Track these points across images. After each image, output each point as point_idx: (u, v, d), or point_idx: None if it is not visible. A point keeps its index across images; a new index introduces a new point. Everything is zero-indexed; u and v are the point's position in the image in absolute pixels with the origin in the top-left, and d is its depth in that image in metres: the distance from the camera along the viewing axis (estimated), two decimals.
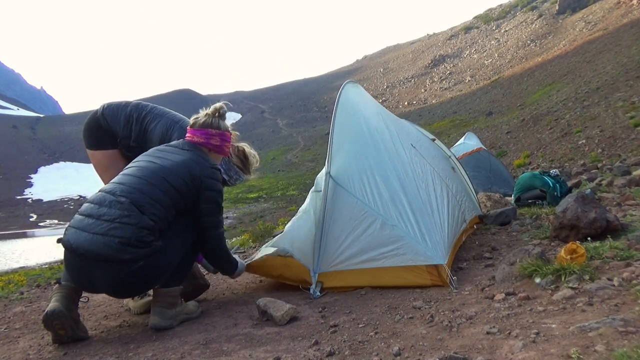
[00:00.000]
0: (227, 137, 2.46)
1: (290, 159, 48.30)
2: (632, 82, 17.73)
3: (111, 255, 1.94)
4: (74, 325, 2.11)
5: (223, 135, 2.42)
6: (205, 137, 2.37)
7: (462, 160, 6.45)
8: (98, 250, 1.95)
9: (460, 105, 40.32)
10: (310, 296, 2.49)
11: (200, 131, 2.37)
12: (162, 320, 2.19)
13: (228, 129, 2.48)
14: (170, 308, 2.22)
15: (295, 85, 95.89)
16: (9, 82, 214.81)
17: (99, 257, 1.95)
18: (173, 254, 2.15)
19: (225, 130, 2.45)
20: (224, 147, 2.44)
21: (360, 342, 1.75)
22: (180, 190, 2.16)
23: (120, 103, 2.90)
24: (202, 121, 2.39)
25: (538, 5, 61.47)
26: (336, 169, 2.71)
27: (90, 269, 2.00)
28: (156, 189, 2.11)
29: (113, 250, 1.94)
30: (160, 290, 2.21)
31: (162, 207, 2.09)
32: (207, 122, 2.39)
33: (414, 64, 71.99)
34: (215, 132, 2.39)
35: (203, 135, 2.37)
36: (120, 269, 1.97)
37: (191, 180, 2.19)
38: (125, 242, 1.95)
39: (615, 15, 38.80)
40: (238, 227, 18.24)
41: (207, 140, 2.37)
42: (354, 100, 3.14)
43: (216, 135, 2.39)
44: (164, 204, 2.10)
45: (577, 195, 3.06)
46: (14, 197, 49.17)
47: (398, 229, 2.51)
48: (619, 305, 1.66)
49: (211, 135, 2.38)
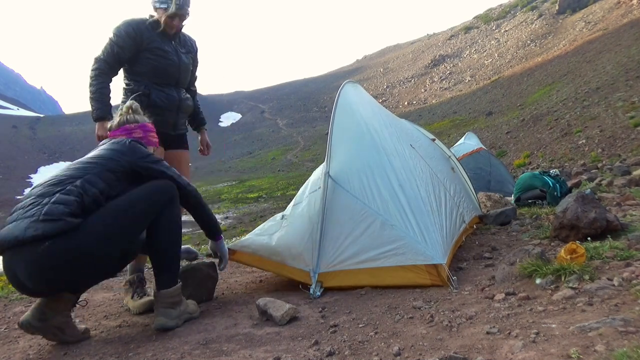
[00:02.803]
0: (149, 127, 2.46)
1: (290, 159, 48.27)
2: (632, 82, 17.71)
3: (17, 235, 1.79)
4: (57, 331, 2.05)
5: (144, 127, 2.43)
6: (127, 133, 2.37)
7: (462, 160, 6.45)
8: (8, 234, 1.82)
9: (460, 105, 40.29)
10: (310, 296, 2.49)
11: (120, 130, 2.38)
12: (168, 320, 2.18)
13: (146, 121, 2.48)
14: (174, 308, 2.21)
15: (295, 85, 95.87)
16: (9, 82, 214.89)
17: (9, 242, 1.81)
18: (101, 236, 1.92)
19: (144, 122, 2.45)
20: (149, 137, 2.44)
21: (360, 342, 1.76)
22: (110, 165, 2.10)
23: None
24: (116, 121, 2.42)
25: (538, 5, 61.42)
26: (335, 169, 2.71)
27: (10, 262, 1.87)
28: (80, 169, 2.06)
29: (19, 229, 1.81)
30: (160, 292, 2.20)
31: (85, 183, 1.98)
32: (123, 120, 2.41)
33: (414, 64, 71.97)
34: (134, 125, 2.40)
35: (124, 132, 2.37)
36: (30, 251, 1.80)
37: (120, 156, 2.15)
38: (34, 219, 1.81)
39: (615, 15, 38.78)
40: (238, 227, 18.20)
41: (129, 135, 2.37)
42: (353, 100, 3.14)
43: (136, 129, 2.40)
44: (90, 181, 2.00)
45: (577, 195, 3.06)
46: (14, 197, 49.17)
47: (397, 228, 2.51)
48: (619, 305, 1.67)
49: (132, 130, 2.38)
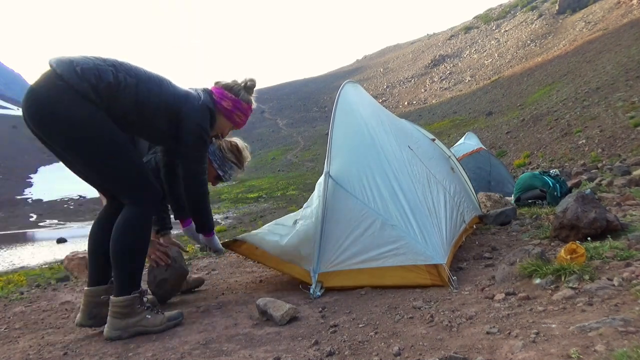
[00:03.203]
0: (242, 107, 2.40)
1: (290, 159, 48.27)
2: (632, 82, 17.73)
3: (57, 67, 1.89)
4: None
5: (238, 103, 2.38)
6: (220, 96, 2.34)
7: (462, 160, 6.46)
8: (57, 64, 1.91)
9: (460, 105, 40.30)
10: (310, 296, 2.49)
11: (219, 90, 2.36)
12: (110, 330, 2.08)
13: (249, 102, 2.43)
14: (121, 318, 2.08)
15: (295, 85, 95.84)
16: (9, 82, 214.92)
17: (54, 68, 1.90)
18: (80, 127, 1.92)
19: (244, 101, 2.40)
20: (234, 115, 2.39)
21: (360, 342, 1.75)
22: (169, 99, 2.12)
23: None
24: (224, 83, 2.38)
25: (538, 5, 61.43)
26: (336, 169, 2.71)
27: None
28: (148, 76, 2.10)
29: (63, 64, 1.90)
30: (111, 299, 2.10)
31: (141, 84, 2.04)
32: (229, 85, 2.37)
33: (414, 64, 71.97)
34: (232, 96, 2.36)
35: (219, 93, 2.35)
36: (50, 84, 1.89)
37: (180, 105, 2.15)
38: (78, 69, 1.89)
39: (615, 15, 38.78)
40: (238, 227, 18.22)
41: (220, 99, 2.33)
42: (353, 100, 3.14)
43: (230, 100, 2.35)
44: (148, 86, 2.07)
45: (577, 195, 3.06)
46: (14, 197, 49.19)
47: (398, 228, 2.51)
48: (619, 305, 1.67)
49: (225, 97, 2.34)
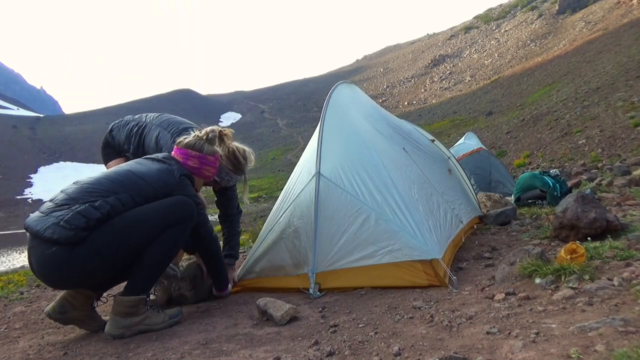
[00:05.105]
0: (209, 161, 2.40)
1: (290, 159, 48.26)
2: (632, 82, 17.72)
3: (38, 230, 1.92)
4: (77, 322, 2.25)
5: (203, 159, 2.37)
6: (184, 157, 2.34)
7: (462, 160, 6.46)
8: (33, 225, 1.95)
9: (460, 105, 40.30)
10: (310, 296, 2.49)
11: (181, 150, 2.37)
12: (113, 328, 2.11)
13: (214, 153, 2.43)
14: (124, 317, 2.11)
15: (295, 85, 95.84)
16: (9, 82, 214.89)
17: (31, 231, 1.95)
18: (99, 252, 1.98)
19: (209, 154, 2.39)
20: (202, 170, 2.39)
21: (360, 342, 1.75)
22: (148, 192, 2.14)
23: (128, 118, 2.99)
24: (186, 142, 2.38)
25: (538, 5, 61.43)
26: (327, 167, 2.71)
27: (30, 249, 2.00)
28: (119, 184, 2.09)
29: (42, 225, 1.92)
30: (117, 297, 2.13)
31: (117, 201, 2.04)
32: (191, 143, 2.37)
33: (414, 64, 71.97)
34: (195, 154, 2.35)
35: (182, 154, 2.35)
36: (41, 249, 1.94)
37: (163, 188, 2.19)
38: (56, 221, 1.91)
39: (615, 15, 38.78)
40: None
41: (184, 160, 2.34)
42: (344, 102, 3.16)
43: (195, 157, 2.35)
44: (123, 200, 2.05)
45: (577, 195, 3.06)
46: (14, 197, 49.20)
47: (393, 223, 2.51)
48: (619, 305, 1.67)
49: (189, 157, 2.35)
